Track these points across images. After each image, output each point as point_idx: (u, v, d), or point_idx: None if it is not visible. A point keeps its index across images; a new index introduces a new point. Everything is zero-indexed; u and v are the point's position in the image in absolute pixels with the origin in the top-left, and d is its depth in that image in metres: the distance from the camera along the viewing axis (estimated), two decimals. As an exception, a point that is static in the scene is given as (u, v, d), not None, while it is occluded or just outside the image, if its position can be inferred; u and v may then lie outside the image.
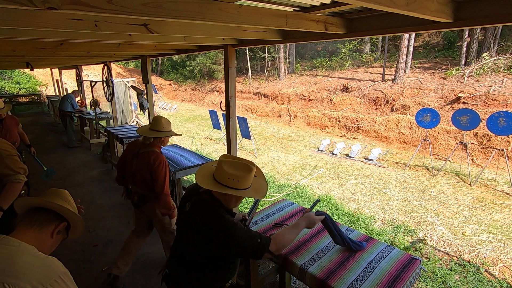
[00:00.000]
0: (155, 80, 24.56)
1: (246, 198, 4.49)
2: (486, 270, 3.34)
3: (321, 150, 8.39)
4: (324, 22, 1.93)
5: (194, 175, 3.33)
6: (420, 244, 3.85)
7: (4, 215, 2.19)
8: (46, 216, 1.14)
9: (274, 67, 18.98)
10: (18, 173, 2.25)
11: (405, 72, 11.75)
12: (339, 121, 11.06)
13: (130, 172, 2.61)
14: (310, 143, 9.50)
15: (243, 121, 8.16)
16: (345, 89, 12.72)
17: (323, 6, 1.73)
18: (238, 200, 1.52)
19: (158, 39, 2.51)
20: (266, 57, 18.87)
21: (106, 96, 6.61)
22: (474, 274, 3.26)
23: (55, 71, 14.40)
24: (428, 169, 6.72)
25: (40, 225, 1.11)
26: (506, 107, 7.89)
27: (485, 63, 10.19)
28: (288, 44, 17.47)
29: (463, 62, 11.50)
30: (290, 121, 12.81)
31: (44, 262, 1.00)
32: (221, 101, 3.63)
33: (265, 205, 4.62)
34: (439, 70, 11.54)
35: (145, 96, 4.97)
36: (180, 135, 2.99)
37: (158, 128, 2.53)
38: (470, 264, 3.44)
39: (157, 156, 2.47)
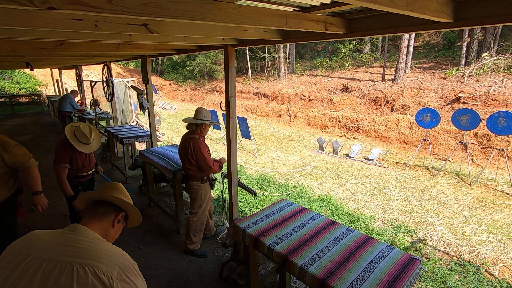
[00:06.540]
0: (155, 80, 24.56)
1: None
2: (486, 270, 3.34)
3: (322, 150, 8.39)
4: (324, 22, 1.93)
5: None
6: (420, 244, 3.85)
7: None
8: (106, 208, 1.25)
9: (274, 67, 18.97)
10: (30, 158, 2.40)
11: (405, 72, 11.74)
12: (339, 121, 11.06)
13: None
14: (310, 143, 9.50)
15: (243, 121, 8.16)
16: (345, 89, 12.71)
17: (323, 6, 1.72)
18: None
19: (158, 39, 2.50)
20: (266, 57, 18.86)
21: (106, 96, 6.61)
22: (474, 274, 3.26)
23: (55, 71, 14.41)
24: (428, 169, 6.72)
25: (102, 215, 1.22)
26: (506, 107, 7.89)
27: (485, 63, 10.18)
28: (288, 44, 17.47)
29: (463, 62, 11.50)
30: (290, 121, 12.81)
31: (120, 251, 1.11)
32: (221, 101, 3.63)
33: (265, 205, 4.61)
34: (439, 70, 11.54)
35: (145, 96, 4.96)
36: (218, 123, 3.21)
37: (199, 117, 2.98)
38: (470, 264, 3.44)
39: (195, 141, 2.92)
